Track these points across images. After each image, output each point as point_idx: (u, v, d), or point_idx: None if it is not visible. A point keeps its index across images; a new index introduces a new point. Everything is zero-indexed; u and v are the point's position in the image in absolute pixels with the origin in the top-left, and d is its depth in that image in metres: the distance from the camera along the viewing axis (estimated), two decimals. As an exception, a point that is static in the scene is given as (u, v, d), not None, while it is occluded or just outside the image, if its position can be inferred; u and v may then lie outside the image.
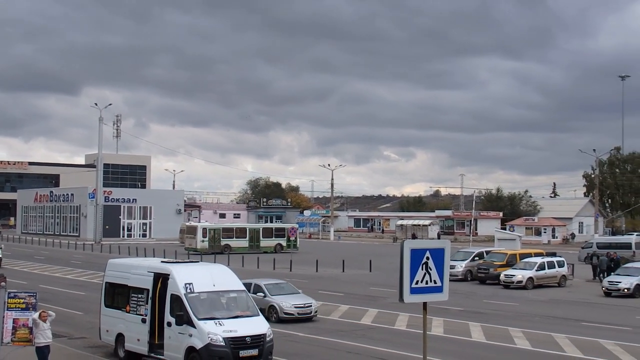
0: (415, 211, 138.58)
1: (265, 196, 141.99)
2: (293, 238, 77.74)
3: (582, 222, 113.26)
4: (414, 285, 13.68)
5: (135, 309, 21.49)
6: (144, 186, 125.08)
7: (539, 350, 24.10)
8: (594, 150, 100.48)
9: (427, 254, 13.86)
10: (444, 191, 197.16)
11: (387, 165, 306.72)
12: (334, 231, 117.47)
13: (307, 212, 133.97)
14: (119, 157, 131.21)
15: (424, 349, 14.54)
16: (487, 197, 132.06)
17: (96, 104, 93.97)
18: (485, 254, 50.32)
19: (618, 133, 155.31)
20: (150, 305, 20.91)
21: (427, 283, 13.84)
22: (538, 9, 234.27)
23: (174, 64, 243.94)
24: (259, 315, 20.61)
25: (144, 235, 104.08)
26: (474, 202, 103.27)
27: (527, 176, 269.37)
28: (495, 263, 47.32)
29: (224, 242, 73.96)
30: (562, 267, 46.36)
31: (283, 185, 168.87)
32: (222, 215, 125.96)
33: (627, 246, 61.92)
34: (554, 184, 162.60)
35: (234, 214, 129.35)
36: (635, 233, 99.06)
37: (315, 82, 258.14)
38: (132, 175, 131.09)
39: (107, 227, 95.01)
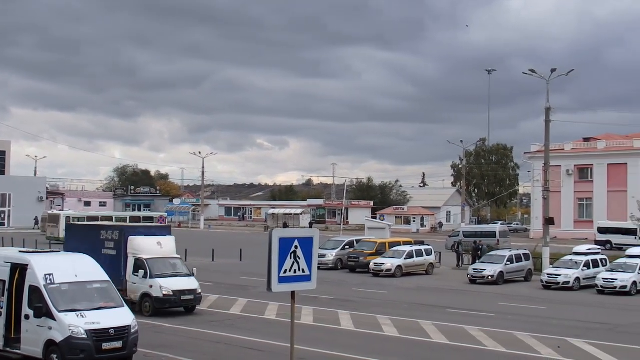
0: (287, 200, 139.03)
1: (133, 184, 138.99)
2: (162, 227, 76.32)
3: (449, 211, 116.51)
4: (282, 274, 13.53)
5: (-11, 302, 20.26)
6: (2, 172, 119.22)
7: (406, 337, 24.35)
8: (461, 141, 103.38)
9: (296, 242, 13.72)
10: (316, 180, 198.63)
11: (260, 153, 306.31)
12: (205, 220, 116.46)
13: (176, 201, 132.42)
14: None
15: (292, 338, 14.39)
16: (359, 187, 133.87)
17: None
18: (355, 242, 50.85)
19: (485, 125, 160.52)
20: (7, 298, 19.85)
21: (295, 272, 13.70)
22: (413, 0, 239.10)
23: (38, 45, 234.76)
24: (123, 306, 19.94)
25: (2, 224, 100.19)
26: (345, 192, 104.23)
27: (398, 166, 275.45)
28: (365, 252, 47.88)
29: (89, 231, 71.72)
30: (430, 255, 47.41)
31: (152, 173, 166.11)
32: (87, 204, 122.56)
33: (492, 235, 64.15)
34: (424, 174, 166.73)
35: (100, 202, 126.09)
36: (500, 222, 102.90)
37: (189, 67, 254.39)
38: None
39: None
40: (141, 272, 28.26)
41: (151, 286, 28.04)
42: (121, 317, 19.36)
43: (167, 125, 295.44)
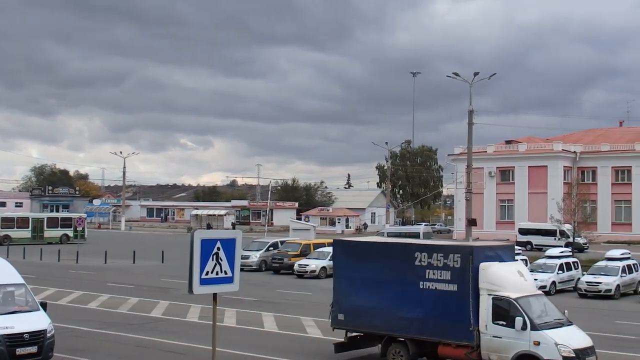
0: (210, 201, 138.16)
1: (51, 184, 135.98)
2: (80, 228, 74.58)
3: (374, 213, 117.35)
4: (204, 276, 13.43)
5: None
6: None
7: (330, 338, 24.15)
8: (386, 143, 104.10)
9: (218, 244, 13.60)
10: (240, 181, 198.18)
11: (184, 153, 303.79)
12: (126, 221, 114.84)
13: (96, 201, 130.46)
14: None
15: (213, 341, 14.20)
16: (284, 188, 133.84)
17: None
18: (280, 244, 50.66)
19: (411, 126, 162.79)
20: None
21: (217, 274, 13.61)
22: (339, 1, 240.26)
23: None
24: (39, 310, 19.27)
25: None
26: (269, 192, 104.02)
27: (324, 167, 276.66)
28: (289, 253, 47.74)
29: (3, 232, 70.38)
30: (354, 256, 47.34)
31: (71, 173, 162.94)
32: (2, 204, 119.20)
33: (416, 236, 64.69)
34: (349, 175, 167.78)
35: (16, 203, 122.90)
36: (424, 223, 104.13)
37: (111, 65, 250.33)
38: None
39: None
40: (518, 320, 17.98)
41: (537, 343, 17.86)
42: (36, 321, 18.72)
43: (88, 124, 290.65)
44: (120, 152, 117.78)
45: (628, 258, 39.92)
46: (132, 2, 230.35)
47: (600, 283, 37.18)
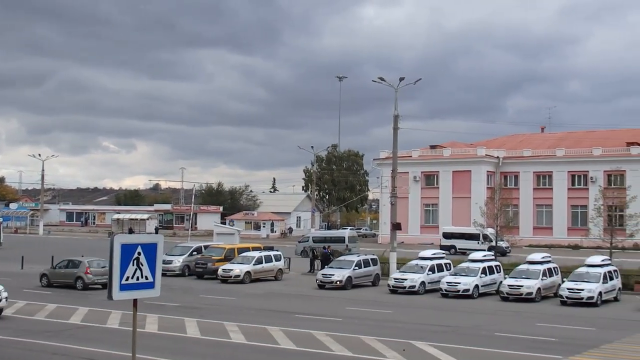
0: (133, 205, 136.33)
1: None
2: (-5, 233, 72.76)
3: (300, 217, 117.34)
4: (124, 282, 13.03)
5: None
6: None
7: (253, 343, 23.92)
8: (312, 147, 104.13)
9: (139, 249, 13.22)
10: (164, 185, 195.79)
11: (106, 156, 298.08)
12: (44, 225, 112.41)
13: (13, 205, 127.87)
14: None
15: (133, 347, 13.85)
16: (208, 191, 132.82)
17: None
18: (203, 248, 50.14)
19: (337, 131, 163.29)
20: None
21: (138, 279, 13.22)
22: (267, 4, 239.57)
23: None
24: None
25: None
26: (193, 196, 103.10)
27: (249, 171, 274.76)
28: (213, 257, 47.31)
29: None
30: (279, 260, 47.29)
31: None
32: None
33: (341, 240, 64.81)
34: (274, 179, 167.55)
35: None
36: (349, 227, 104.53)
37: (29, 65, 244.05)
38: None
39: None
40: None
41: None
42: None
43: (4, 125, 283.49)
44: (39, 155, 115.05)
45: (549, 262, 40.65)
46: (53, 0, 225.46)
47: (522, 286, 37.68)
